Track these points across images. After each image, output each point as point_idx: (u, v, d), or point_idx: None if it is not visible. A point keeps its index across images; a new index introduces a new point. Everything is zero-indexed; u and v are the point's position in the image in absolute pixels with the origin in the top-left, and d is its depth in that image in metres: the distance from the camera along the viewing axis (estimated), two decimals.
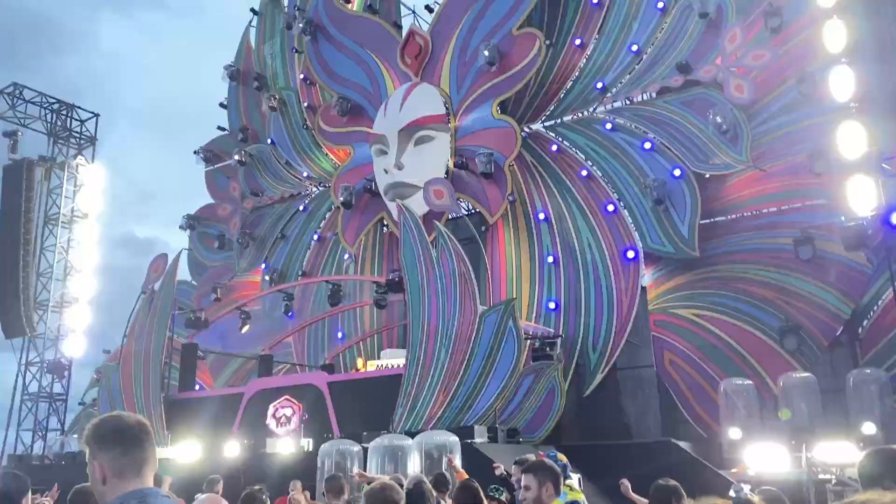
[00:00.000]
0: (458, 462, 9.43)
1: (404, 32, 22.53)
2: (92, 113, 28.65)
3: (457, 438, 12.38)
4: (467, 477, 6.82)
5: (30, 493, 3.88)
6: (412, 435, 12.97)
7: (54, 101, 27.73)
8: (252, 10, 27.67)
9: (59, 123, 27.72)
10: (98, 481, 2.14)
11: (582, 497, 4.75)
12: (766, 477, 11.44)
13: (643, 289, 17.95)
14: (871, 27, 14.82)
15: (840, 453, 10.97)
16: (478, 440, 13.11)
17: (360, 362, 19.18)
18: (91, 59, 69.23)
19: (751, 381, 14.73)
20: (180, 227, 26.99)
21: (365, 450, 12.89)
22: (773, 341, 16.08)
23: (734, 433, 13.25)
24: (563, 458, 5.02)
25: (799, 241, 15.84)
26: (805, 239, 15.78)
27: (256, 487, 6.67)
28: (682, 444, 14.29)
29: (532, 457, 5.53)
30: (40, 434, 26.10)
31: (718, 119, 16.78)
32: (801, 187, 16.50)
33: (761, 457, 11.87)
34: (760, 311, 16.40)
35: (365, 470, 12.32)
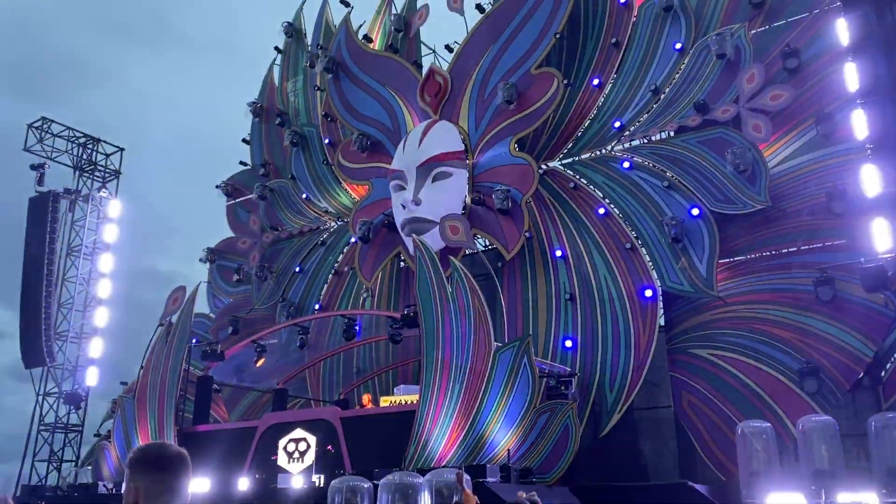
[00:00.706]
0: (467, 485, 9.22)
1: (424, 71, 22.84)
2: (117, 147, 29.20)
3: (467, 476, 12.20)
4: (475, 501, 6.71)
5: None
6: (423, 472, 12.82)
7: (81, 134, 28.31)
8: (276, 48, 28.30)
9: (84, 157, 28.26)
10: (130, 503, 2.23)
11: None
12: None
13: (661, 328, 17.76)
14: (887, 67, 14.78)
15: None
16: (490, 479, 12.93)
17: (365, 398, 19.09)
18: (119, 95, 70.84)
19: (769, 424, 14.43)
20: (200, 259, 27.25)
21: (376, 486, 12.75)
22: (793, 383, 15.79)
23: (752, 470, 12.94)
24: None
25: (819, 282, 15.64)
26: (825, 280, 15.59)
27: None
28: (699, 486, 13.99)
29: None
30: (55, 465, 26.11)
31: (736, 159, 16.74)
32: (821, 227, 16.35)
33: (778, 497, 11.58)
34: (780, 352, 16.14)
35: None
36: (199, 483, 16.14)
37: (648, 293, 17.79)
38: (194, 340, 22.40)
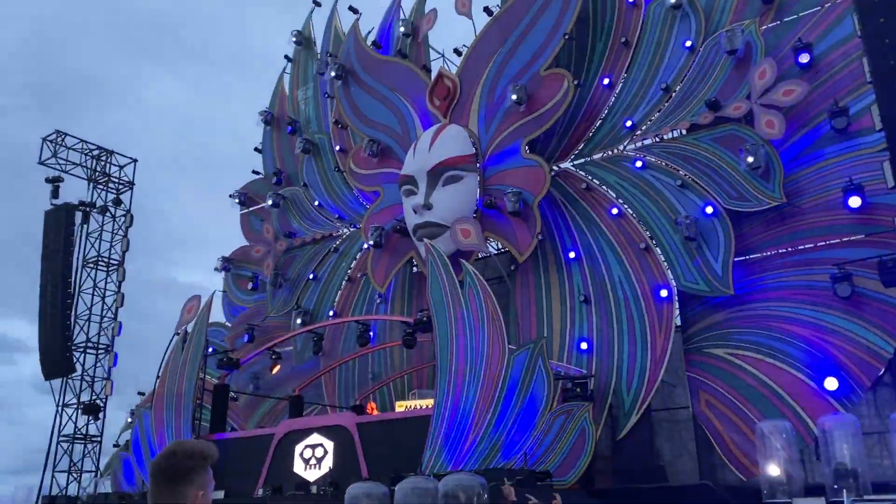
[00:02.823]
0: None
1: (433, 75, 22.83)
2: (130, 158, 29.38)
3: (484, 480, 12.13)
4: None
5: None
6: (439, 477, 12.75)
7: (94, 147, 28.53)
8: (286, 57, 28.43)
9: (98, 169, 28.48)
10: None
11: None
12: None
13: (677, 328, 17.60)
14: None
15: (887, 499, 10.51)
16: (507, 483, 12.82)
17: (369, 407, 19.08)
18: (135, 111, 71.72)
19: (789, 423, 14.26)
20: (215, 269, 27.39)
21: (392, 491, 12.70)
22: (813, 381, 15.58)
23: (773, 470, 12.77)
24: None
25: (836, 278, 15.44)
26: (843, 276, 15.38)
27: None
28: (719, 487, 13.82)
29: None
30: (75, 476, 26.25)
31: (750, 157, 16.59)
32: (837, 223, 16.16)
33: (802, 502, 11.41)
34: (798, 349, 15.94)
35: None
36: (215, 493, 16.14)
37: (664, 293, 17.64)
38: (210, 349, 22.49)
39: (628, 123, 19.28)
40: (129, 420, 23.87)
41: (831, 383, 15.12)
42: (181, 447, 2.16)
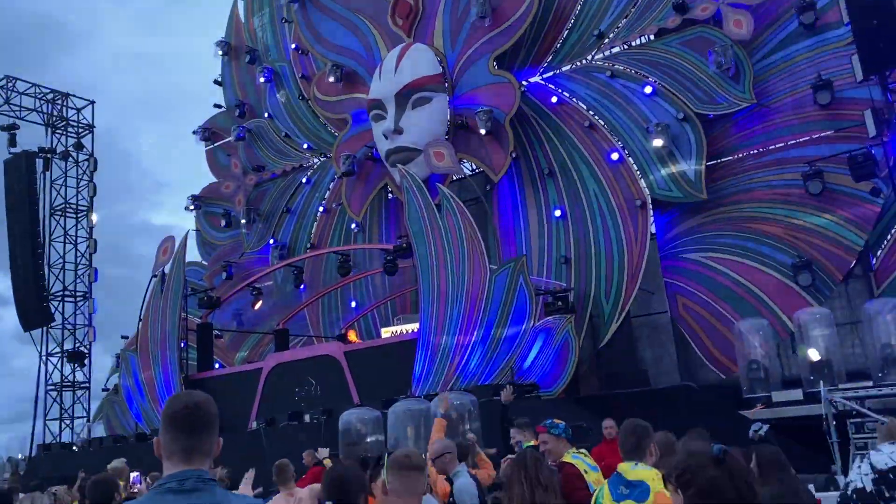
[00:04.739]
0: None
1: None
2: (87, 100, 28.49)
3: (474, 398, 12.43)
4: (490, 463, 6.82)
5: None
6: (430, 398, 13.04)
7: (48, 90, 27.56)
8: None
9: (55, 114, 27.58)
10: (159, 458, 2.26)
11: (581, 461, 4.71)
12: (786, 414, 11.47)
13: (653, 235, 17.81)
14: None
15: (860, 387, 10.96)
16: (497, 398, 13.15)
17: (351, 335, 19.29)
18: (95, 52, 69.04)
19: (766, 320, 14.67)
20: (186, 208, 26.99)
21: (384, 415, 12.98)
22: (787, 278, 15.95)
23: (753, 366, 13.23)
24: (558, 421, 4.98)
25: (807, 176, 15.60)
26: (814, 173, 15.54)
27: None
28: (700, 387, 14.31)
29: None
30: (67, 423, 26.49)
31: (719, 57, 16.44)
32: (807, 121, 16.22)
33: (780, 395, 11.87)
34: (772, 249, 16.25)
35: (386, 435, 12.44)
36: None
37: (638, 202, 17.76)
38: (190, 289, 22.41)
39: (595, 32, 18.93)
40: (116, 365, 23.95)
41: (805, 278, 15.49)
42: (201, 397, 2.30)
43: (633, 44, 18.57)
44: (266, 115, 25.38)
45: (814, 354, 12.77)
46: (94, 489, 4.58)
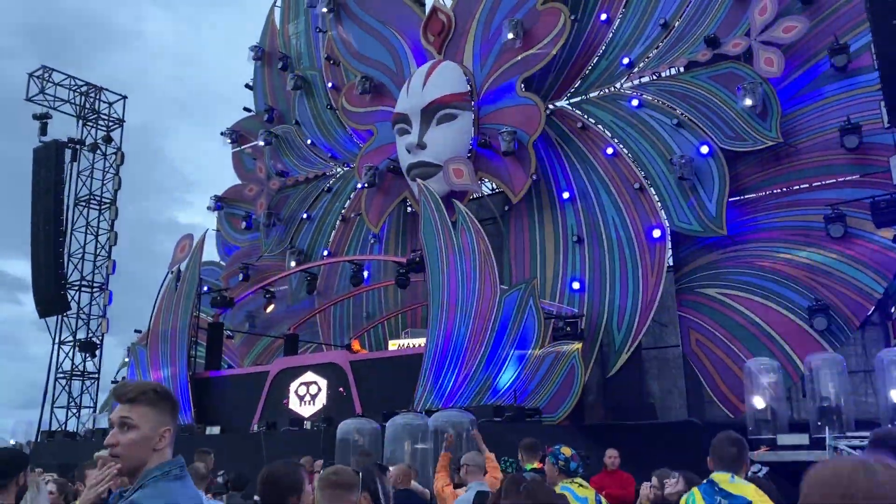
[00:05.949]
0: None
1: (427, 9, 22.28)
2: (120, 95, 28.94)
3: (473, 416, 12.32)
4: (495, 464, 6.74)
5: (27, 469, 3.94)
6: (430, 414, 12.95)
7: (83, 83, 28.04)
8: None
9: (87, 106, 28.04)
10: None
11: (584, 493, 4.66)
12: (789, 458, 11.23)
13: (669, 268, 17.65)
14: None
15: (867, 436, 10.70)
16: (497, 420, 13.04)
17: (355, 345, 19.24)
18: (134, 50, 70.55)
19: (777, 361, 14.43)
20: (208, 207, 27.24)
21: (383, 427, 12.91)
22: (802, 321, 15.70)
23: (758, 402, 12.99)
24: (566, 451, 4.90)
25: (829, 219, 15.39)
26: (836, 216, 15.33)
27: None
28: (706, 424, 14.06)
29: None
30: (73, 412, 26.66)
31: (747, 96, 16.33)
32: (833, 163, 16.03)
33: (786, 438, 11.64)
34: (789, 290, 16.02)
35: (383, 449, 12.36)
36: (210, 428, 16.43)
37: (657, 233, 17.61)
38: (205, 288, 22.57)
39: (625, 61, 18.91)
40: (126, 358, 24.11)
41: (820, 323, 15.23)
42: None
43: (663, 75, 18.52)
44: (294, 122, 25.62)
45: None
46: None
